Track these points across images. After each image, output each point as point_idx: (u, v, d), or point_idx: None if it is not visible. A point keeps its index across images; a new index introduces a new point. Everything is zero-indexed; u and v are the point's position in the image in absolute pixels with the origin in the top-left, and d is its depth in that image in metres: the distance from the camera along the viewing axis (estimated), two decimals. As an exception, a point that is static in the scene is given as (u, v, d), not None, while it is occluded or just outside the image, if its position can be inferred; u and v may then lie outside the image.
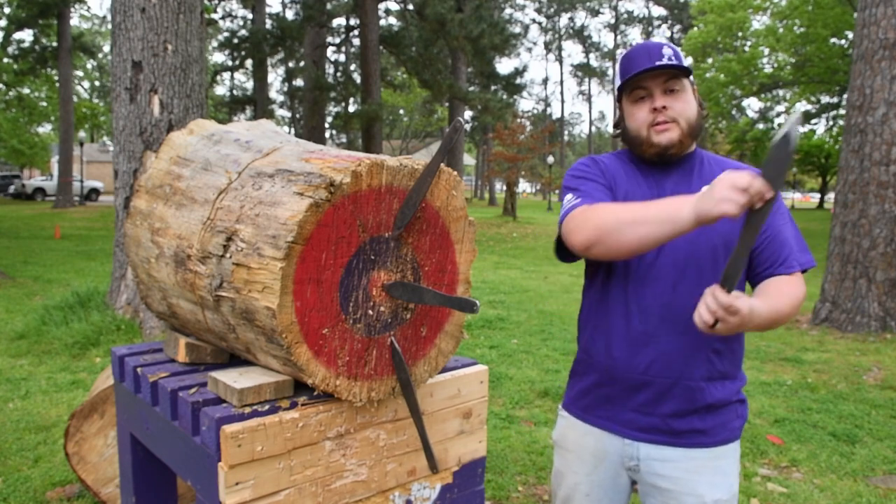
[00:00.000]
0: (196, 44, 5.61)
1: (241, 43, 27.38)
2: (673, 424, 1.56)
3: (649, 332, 1.54)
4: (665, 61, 1.51)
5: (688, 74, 1.56)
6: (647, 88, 1.55)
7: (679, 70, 1.53)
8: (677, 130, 1.54)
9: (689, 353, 1.53)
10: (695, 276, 1.52)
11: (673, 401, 1.55)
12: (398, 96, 40.10)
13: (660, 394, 1.55)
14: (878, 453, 3.67)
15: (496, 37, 21.83)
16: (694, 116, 1.56)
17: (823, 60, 21.53)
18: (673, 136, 1.54)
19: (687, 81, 1.57)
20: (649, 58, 1.53)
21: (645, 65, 1.52)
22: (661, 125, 1.54)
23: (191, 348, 1.65)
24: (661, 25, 55.62)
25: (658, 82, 1.54)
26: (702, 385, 1.54)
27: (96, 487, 2.72)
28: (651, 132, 1.55)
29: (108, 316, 5.55)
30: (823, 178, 37.41)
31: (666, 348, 1.54)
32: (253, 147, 1.64)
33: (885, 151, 6.65)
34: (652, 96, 1.55)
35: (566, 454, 1.73)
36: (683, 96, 1.55)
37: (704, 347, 1.53)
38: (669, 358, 1.53)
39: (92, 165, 41.01)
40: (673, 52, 1.54)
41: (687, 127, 1.55)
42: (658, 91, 1.55)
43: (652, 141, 1.55)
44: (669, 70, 1.52)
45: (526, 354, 5.74)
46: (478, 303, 1.34)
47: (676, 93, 1.55)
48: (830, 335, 6.66)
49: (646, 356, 1.55)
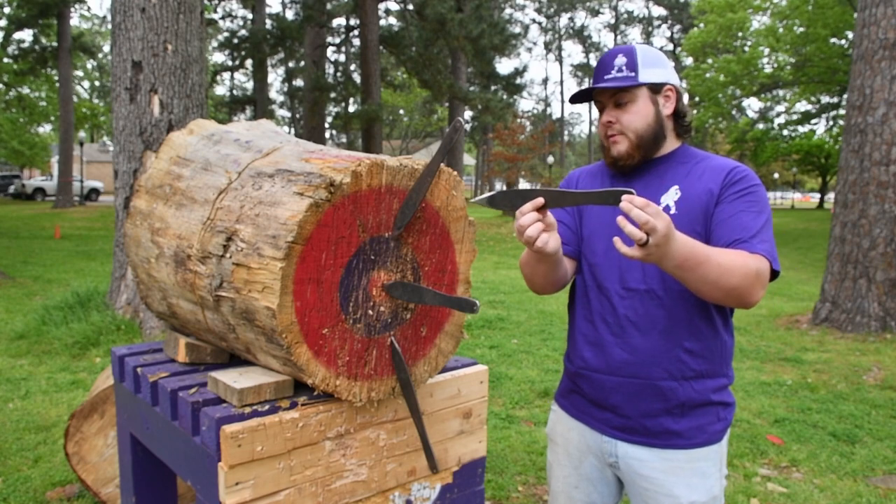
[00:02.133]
0: (196, 44, 5.61)
1: (241, 43, 27.39)
2: (646, 424, 1.56)
3: (615, 334, 1.57)
4: (614, 74, 1.55)
5: (636, 86, 1.55)
6: (602, 102, 1.61)
7: (618, 88, 1.55)
8: (626, 143, 1.57)
9: (658, 353, 1.53)
10: (643, 277, 1.55)
11: (644, 401, 1.55)
12: (398, 96, 40.12)
13: (630, 394, 1.56)
14: (878, 453, 3.67)
15: (496, 37, 21.83)
16: (645, 127, 1.56)
17: (823, 60, 21.53)
18: (621, 148, 1.58)
19: (640, 91, 1.56)
20: (600, 73, 1.58)
21: (594, 82, 1.58)
22: (611, 138, 1.59)
23: (191, 348, 1.65)
24: (661, 25, 55.65)
25: (607, 96, 1.59)
26: (673, 385, 1.53)
27: (96, 487, 2.72)
28: (608, 143, 1.61)
29: (108, 316, 5.55)
30: (823, 178, 37.40)
31: (633, 349, 1.55)
32: (253, 147, 1.64)
33: (885, 151, 6.64)
34: (605, 109, 1.61)
35: (556, 447, 1.77)
36: (632, 108, 1.56)
37: (674, 347, 1.53)
38: (638, 359, 1.54)
39: (92, 165, 41.01)
40: (626, 61, 1.55)
41: (636, 138, 1.56)
42: (608, 105, 1.60)
43: (609, 152, 1.61)
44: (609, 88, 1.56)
45: (526, 354, 5.74)
46: (478, 303, 1.34)
47: (625, 105, 1.57)
48: (830, 335, 6.66)
49: (614, 358, 1.57)
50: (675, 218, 1.51)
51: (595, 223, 1.64)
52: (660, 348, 1.53)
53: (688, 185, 1.55)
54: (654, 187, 1.58)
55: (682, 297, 1.52)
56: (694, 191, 1.54)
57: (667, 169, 1.60)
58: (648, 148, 1.58)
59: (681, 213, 1.52)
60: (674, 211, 1.53)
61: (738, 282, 1.37)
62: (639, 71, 1.55)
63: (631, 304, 1.55)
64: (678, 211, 1.53)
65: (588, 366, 1.62)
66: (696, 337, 1.54)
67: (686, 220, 1.51)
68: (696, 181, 1.55)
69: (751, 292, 1.39)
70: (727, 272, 1.36)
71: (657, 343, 1.53)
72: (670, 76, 1.59)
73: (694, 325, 1.53)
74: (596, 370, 1.61)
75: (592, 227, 1.64)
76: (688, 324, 1.53)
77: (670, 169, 1.60)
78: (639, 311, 1.54)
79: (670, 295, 1.52)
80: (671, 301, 1.52)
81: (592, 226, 1.64)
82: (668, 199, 1.55)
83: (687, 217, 1.51)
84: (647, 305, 1.54)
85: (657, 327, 1.53)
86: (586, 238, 1.66)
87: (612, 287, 1.58)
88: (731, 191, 1.51)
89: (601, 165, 1.73)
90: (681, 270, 1.33)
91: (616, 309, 1.57)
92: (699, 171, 1.57)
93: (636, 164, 1.59)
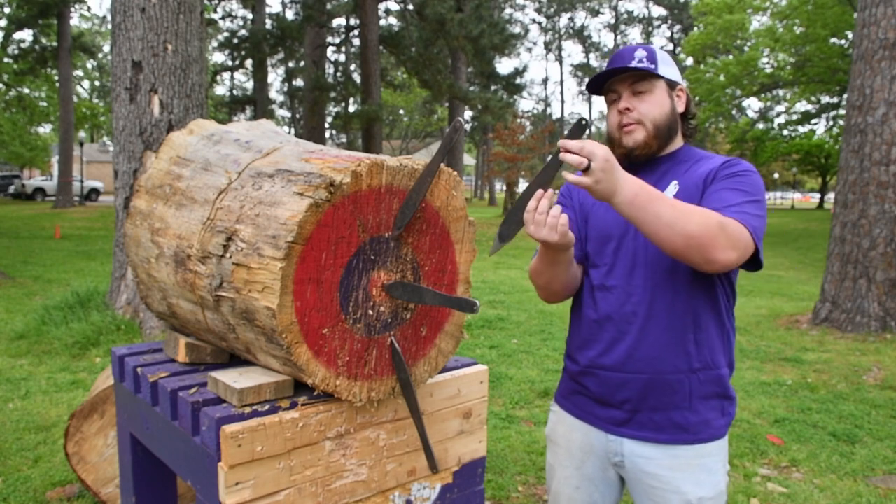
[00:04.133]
0: (196, 44, 5.61)
1: (241, 43, 27.39)
2: (654, 418, 1.57)
3: (623, 331, 1.57)
4: (635, 64, 1.55)
5: (656, 77, 1.57)
6: (617, 91, 1.60)
7: (643, 72, 1.55)
8: (643, 132, 1.57)
9: (666, 347, 1.54)
10: (648, 273, 1.55)
11: (652, 396, 1.56)
12: (398, 96, 40.12)
13: (639, 389, 1.56)
14: (878, 453, 3.67)
15: (496, 37, 21.83)
16: (663, 117, 1.57)
17: (823, 60, 21.53)
18: (638, 137, 1.57)
19: (659, 83, 1.58)
20: (621, 61, 1.57)
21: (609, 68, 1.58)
22: (627, 126, 1.58)
23: (191, 348, 1.65)
24: (661, 25, 55.64)
25: (625, 85, 1.58)
26: (680, 378, 1.54)
27: (96, 487, 2.72)
28: (620, 134, 1.59)
29: (108, 316, 5.54)
30: (823, 178, 37.40)
31: (641, 345, 1.55)
32: (253, 147, 1.64)
33: (885, 151, 6.64)
34: (621, 98, 1.59)
35: (556, 448, 1.76)
36: (650, 98, 1.57)
37: (681, 341, 1.54)
38: (646, 354, 1.55)
39: (92, 165, 41.01)
40: (647, 55, 1.57)
41: (653, 128, 1.56)
42: (626, 93, 1.59)
43: (621, 142, 1.59)
44: (634, 72, 1.56)
45: (526, 354, 5.74)
46: (478, 303, 1.34)
47: (643, 94, 1.57)
48: (830, 335, 6.66)
49: (621, 354, 1.57)
50: None
51: (602, 221, 1.64)
52: (667, 343, 1.54)
53: (684, 179, 1.57)
54: (655, 185, 1.58)
55: (688, 292, 1.53)
56: (691, 181, 1.55)
57: (669, 167, 1.61)
58: (663, 139, 1.59)
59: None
60: None
61: (697, 229, 1.32)
62: (658, 65, 1.57)
63: (639, 300, 1.55)
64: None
65: (595, 363, 1.62)
66: (703, 330, 1.55)
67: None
68: (693, 175, 1.57)
69: (714, 245, 1.33)
70: (684, 215, 1.33)
71: (665, 338, 1.54)
72: (681, 79, 1.63)
73: (700, 319, 1.54)
74: (603, 367, 1.60)
75: (599, 225, 1.65)
76: (694, 318, 1.54)
77: (672, 167, 1.61)
78: (646, 307, 1.54)
79: (677, 290, 1.53)
80: (678, 296, 1.53)
81: (599, 225, 1.65)
82: (668, 195, 1.55)
83: None
84: (654, 302, 1.54)
85: (664, 323, 1.53)
86: (592, 238, 1.66)
87: (620, 284, 1.58)
88: (721, 174, 1.52)
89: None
90: (634, 208, 1.32)
91: (623, 306, 1.57)
92: (698, 167, 1.59)
93: (650, 154, 1.59)
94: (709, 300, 1.55)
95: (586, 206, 1.69)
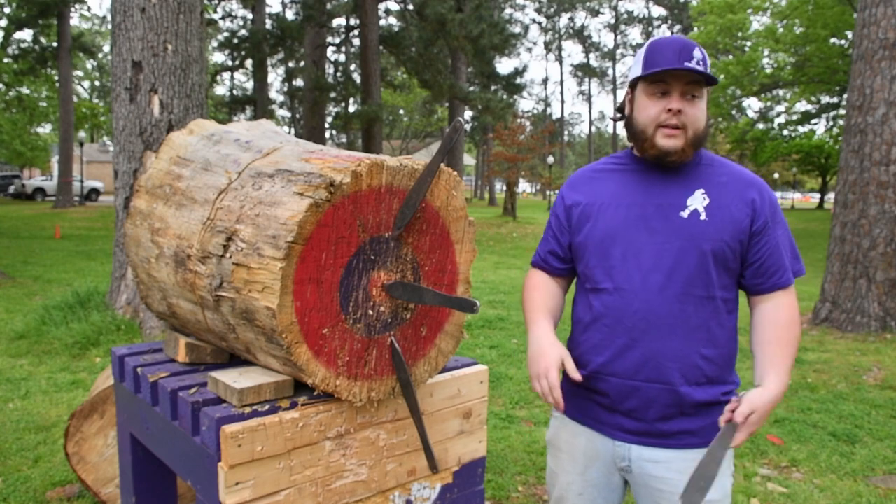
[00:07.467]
0: (196, 44, 5.61)
1: (241, 43, 27.39)
2: (662, 427, 1.56)
3: (634, 338, 1.54)
4: (693, 64, 1.47)
5: (711, 84, 1.52)
6: (670, 85, 1.50)
7: (705, 78, 1.49)
8: (683, 139, 1.51)
9: (677, 357, 1.53)
10: (665, 281, 1.53)
11: (660, 406, 1.54)
12: (398, 96, 40.13)
13: (647, 399, 1.55)
14: (878, 453, 3.67)
15: (496, 37, 21.82)
16: (703, 127, 1.53)
17: (823, 60, 21.52)
18: (678, 143, 1.51)
19: (706, 91, 1.54)
20: (679, 55, 1.46)
21: (673, 63, 1.46)
22: (670, 129, 1.50)
23: (191, 348, 1.65)
24: (661, 25, 55.64)
25: (680, 83, 1.49)
26: (688, 390, 1.53)
27: (96, 487, 2.72)
28: (657, 133, 1.52)
29: (108, 316, 5.54)
30: (823, 178, 37.41)
31: (652, 354, 1.53)
32: (253, 147, 1.64)
33: (885, 151, 6.64)
34: (670, 95, 1.50)
35: (559, 454, 1.74)
36: (699, 104, 1.52)
37: (692, 353, 1.52)
38: (657, 363, 1.53)
39: (92, 165, 41.01)
40: (702, 57, 1.50)
41: (693, 136, 1.52)
42: (677, 92, 1.49)
43: (655, 142, 1.52)
44: (696, 75, 1.48)
45: (526, 354, 5.74)
46: (478, 303, 1.34)
47: (695, 100, 1.51)
48: (830, 335, 6.66)
49: (632, 361, 1.55)
50: (704, 225, 1.51)
51: (609, 225, 1.59)
52: (679, 353, 1.52)
53: (715, 191, 1.54)
54: (677, 188, 1.56)
55: (700, 303, 1.52)
56: (723, 200, 1.53)
57: (688, 171, 1.58)
58: (697, 148, 1.56)
59: (710, 220, 1.51)
60: (703, 217, 1.51)
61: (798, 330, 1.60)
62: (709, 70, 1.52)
63: (652, 307, 1.52)
64: (708, 217, 1.52)
65: (603, 370, 1.59)
66: (713, 343, 1.54)
67: (713, 229, 1.51)
68: (723, 189, 1.54)
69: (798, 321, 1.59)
70: (797, 338, 1.57)
71: (676, 348, 1.52)
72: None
73: (711, 332, 1.54)
74: (612, 374, 1.58)
75: (606, 230, 1.59)
76: (706, 330, 1.53)
77: (692, 171, 1.58)
78: (659, 314, 1.52)
79: (690, 300, 1.51)
80: (691, 306, 1.52)
81: (606, 229, 1.59)
82: (697, 204, 1.53)
83: (714, 226, 1.51)
84: (667, 309, 1.52)
85: (677, 332, 1.52)
86: (599, 241, 1.60)
87: (632, 289, 1.54)
88: (769, 216, 1.55)
89: (624, 158, 1.67)
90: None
91: (636, 313, 1.53)
92: (721, 178, 1.56)
93: (682, 161, 1.55)
94: (721, 314, 1.55)
95: (592, 208, 1.63)
